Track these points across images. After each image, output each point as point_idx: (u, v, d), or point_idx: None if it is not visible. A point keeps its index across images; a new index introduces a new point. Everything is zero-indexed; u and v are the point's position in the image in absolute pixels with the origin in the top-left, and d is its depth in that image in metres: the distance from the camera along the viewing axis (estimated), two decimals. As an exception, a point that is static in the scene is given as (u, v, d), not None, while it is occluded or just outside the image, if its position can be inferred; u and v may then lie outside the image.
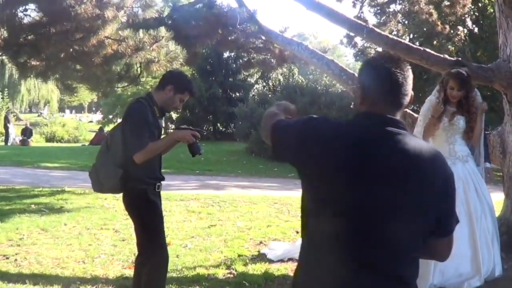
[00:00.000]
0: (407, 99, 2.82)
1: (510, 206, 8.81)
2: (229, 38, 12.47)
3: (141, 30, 9.92)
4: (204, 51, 30.92)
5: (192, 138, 5.51)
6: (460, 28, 24.99)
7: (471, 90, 7.48)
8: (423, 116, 7.62)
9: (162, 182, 5.77)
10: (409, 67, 2.84)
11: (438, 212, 2.75)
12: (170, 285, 6.94)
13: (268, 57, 13.91)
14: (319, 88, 30.35)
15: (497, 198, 9.29)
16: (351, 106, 28.54)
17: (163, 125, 6.25)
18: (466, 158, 7.44)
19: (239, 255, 8.80)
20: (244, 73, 39.96)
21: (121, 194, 5.73)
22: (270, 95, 33.34)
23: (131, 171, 5.38)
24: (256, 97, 35.48)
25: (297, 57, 12.32)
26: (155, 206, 5.63)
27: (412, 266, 2.77)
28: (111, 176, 5.44)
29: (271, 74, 38.88)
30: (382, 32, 9.79)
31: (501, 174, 9.29)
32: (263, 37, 12.25)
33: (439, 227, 2.79)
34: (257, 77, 43.05)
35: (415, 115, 9.06)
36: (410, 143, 2.70)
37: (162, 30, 9.99)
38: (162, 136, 5.94)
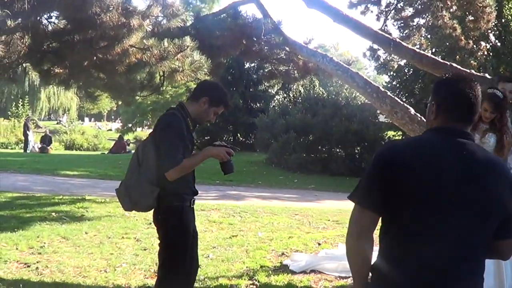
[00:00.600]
0: (476, 117, 3.20)
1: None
2: (253, 49, 12.40)
3: (165, 39, 9.85)
4: (225, 61, 30.99)
5: (227, 156, 5.30)
6: (483, 43, 24.81)
7: (505, 111, 7.41)
8: None
9: (195, 196, 5.48)
10: (479, 87, 3.19)
11: (506, 215, 3.05)
12: (193, 296, 6.88)
13: (292, 68, 13.83)
14: (340, 100, 30.37)
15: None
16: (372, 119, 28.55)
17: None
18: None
19: (261, 266, 8.76)
20: (265, 84, 39.89)
21: None
22: (290, 107, 33.33)
23: (168, 187, 5.07)
24: (276, 108, 35.49)
25: (320, 69, 12.24)
26: (187, 229, 5.33)
27: (483, 264, 3.11)
28: (146, 194, 5.12)
29: (292, 85, 38.81)
30: (409, 46, 9.73)
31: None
32: (287, 49, 12.18)
33: (506, 228, 3.10)
34: (278, 88, 42.97)
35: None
36: (481, 154, 3.10)
37: (187, 39, 9.90)
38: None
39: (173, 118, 5.24)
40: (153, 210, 5.31)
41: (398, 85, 31.24)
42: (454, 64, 8.96)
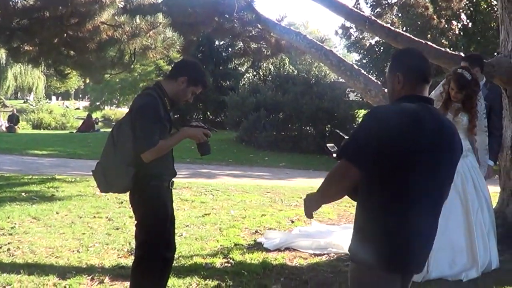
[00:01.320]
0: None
1: (505, 199, 8.82)
2: (225, 26, 12.35)
3: (137, 16, 9.74)
4: (195, 38, 30.90)
5: (204, 137, 5.25)
6: (455, 22, 25.00)
7: (474, 93, 7.48)
8: None
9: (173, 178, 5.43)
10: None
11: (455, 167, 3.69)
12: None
13: (263, 46, 13.81)
14: (310, 78, 30.36)
15: (493, 191, 9.26)
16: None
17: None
18: (466, 153, 7.48)
19: (235, 244, 8.72)
20: (235, 62, 39.84)
21: None
22: (261, 85, 33.24)
23: (147, 168, 5.00)
24: (246, 86, 35.40)
25: (293, 47, 12.24)
26: (165, 210, 5.28)
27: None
28: (122, 175, 5.02)
29: (262, 63, 38.73)
30: (384, 24, 9.71)
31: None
32: (260, 26, 12.13)
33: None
34: (248, 66, 42.86)
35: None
36: (444, 117, 3.78)
37: (160, 16, 9.80)
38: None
39: (149, 99, 5.13)
40: (130, 193, 5.25)
41: (368, 63, 31.42)
42: (429, 43, 8.96)
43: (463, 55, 8.99)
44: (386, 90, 9.28)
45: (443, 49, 9.00)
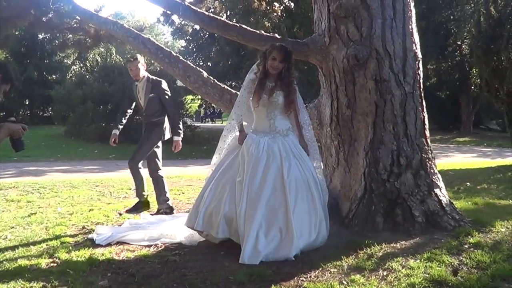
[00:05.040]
0: None
1: (328, 175, 9.04)
2: (43, 19, 12.09)
3: None
4: (17, 33, 30.08)
5: (23, 132, 5.31)
6: (277, 4, 25.58)
7: (292, 67, 7.63)
8: (244, 90, 7.81)
9: None
10: None
11: None
12: (-10, 282, 6.59)
13: (84, 37, 13.64)
14: (137, 67, 30.36)
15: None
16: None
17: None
18: (286, 132, 7.64)
19: (61, 243, 8.48)
20: (60, 54, 39.23)
21: None
22: (87, 76, 32.84)
23: None
24: (73, 78, 35.02)
25: (113, 37, 12.14)
26: None
27: None
28: None
29: (88, 54, 38.30)
30: (199, 10, 9.73)
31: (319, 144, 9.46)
32: (78, 17, 11.95)
33: None
34: (74, 58, 42.26)
35: (233, 91, 9.21)
36: None
37: (-32, 13, 9.49)
38: None
39: None
40: None
41: (194, 49, 31.67)
42: (244, 26, 9.07)
43: (278, 36, 9.20)
44: (205, 75, 9.46)
45: (257, 32, 9.14)
